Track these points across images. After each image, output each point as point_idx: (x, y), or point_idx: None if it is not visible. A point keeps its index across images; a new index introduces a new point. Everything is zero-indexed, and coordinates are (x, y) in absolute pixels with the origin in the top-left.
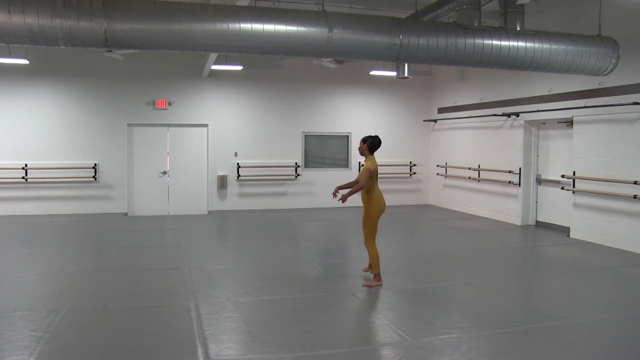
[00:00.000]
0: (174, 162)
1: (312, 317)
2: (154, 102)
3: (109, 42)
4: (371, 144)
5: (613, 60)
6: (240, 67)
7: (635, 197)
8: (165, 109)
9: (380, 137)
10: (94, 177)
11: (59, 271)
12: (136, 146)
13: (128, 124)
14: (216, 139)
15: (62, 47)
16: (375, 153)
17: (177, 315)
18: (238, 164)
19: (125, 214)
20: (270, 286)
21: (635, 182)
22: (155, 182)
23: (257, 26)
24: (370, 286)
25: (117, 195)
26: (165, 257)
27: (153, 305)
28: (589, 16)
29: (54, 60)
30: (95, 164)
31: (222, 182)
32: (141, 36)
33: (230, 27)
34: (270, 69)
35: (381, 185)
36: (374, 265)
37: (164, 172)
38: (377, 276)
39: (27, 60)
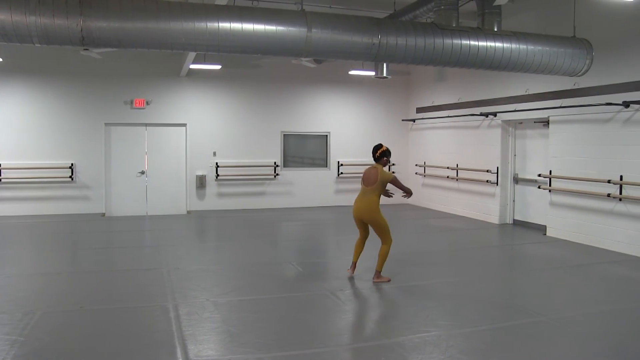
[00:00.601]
0: (152, 161)
1: (291, 317)
2: (131, 102)
3: (86, 41)
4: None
5: (587, 62)
6: (218, 67)
7: (609, 195)
8: (143, 109)
9: (358, 136)
10: (70, 177)
11: (34, 273)
12: (114, 146)
13: (105, 123)
14: (195, 139)
15: (37, 45)
16: (353, 151)
17: (155, 316)
18: (217, 163)
19: (103, 215)
20: (249, 286)
21: (608, 181)
22: (133, 182)
23: (236, 25)
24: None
25: (94, 196)
26: (143, 258)
27: (131, 307)
28: (564, 18)
29: (29, 58)
30: (72, 164)
31: (201, 182)
32: (118, 34)
33: (208, 26)
34: (249, 69)
35: (360, 185)
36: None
37: (142, 172)
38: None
39: (1, 58)
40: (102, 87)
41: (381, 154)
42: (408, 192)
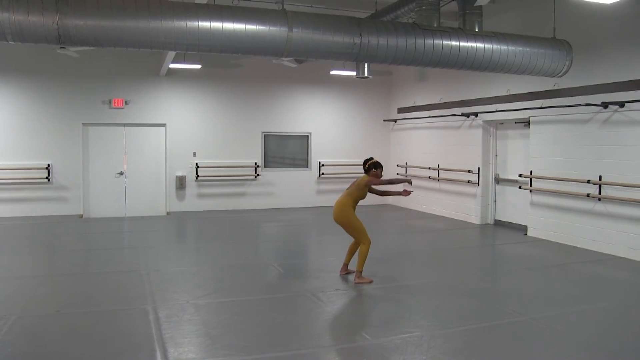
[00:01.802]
0: (131, 162)
1: (272, 319)
2: (110, 101)
3: (62, 39)
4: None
5: (567, 62)
6: (198, 66)
7: (588, 195)
8: (122, 108)
9: (339, 136)
10: (47, 178)
11: (9, 276)
12: (92, 146)
13: (83, 123)
14: (174, 139)
15: (11, 43)
16: (334, 152)
17: (134, 320)
18: (197, 164)
19: (80, 216)
20: (230, 288)
21: (588, 181)
22: (112, 183)
23: (216, 24)
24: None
25: (71, 197)
26: (122, 260)
27: (109, 310)
28: (544, 19)
29: (3, 56)
30: (49, 165)
31: (181, 182)
32: (96, 33)
33: (188, 25)
34: (230, 68)
35: (341, 185)
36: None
37: (121, 173)
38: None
39: None
40: (79, 87)
41: (371, 165)
42: (404, 182)
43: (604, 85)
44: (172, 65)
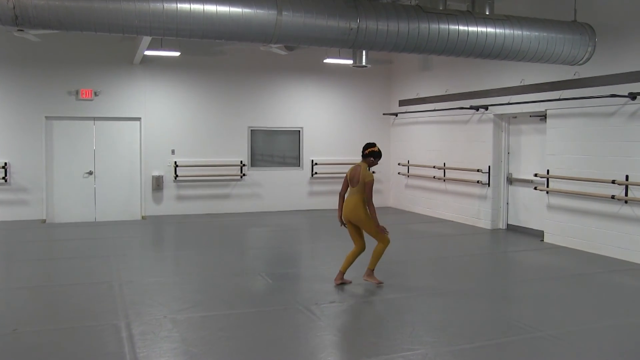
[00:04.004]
0: (101, 160)
1: (260, 335)
2: (77, 92)
3: (20, 20)
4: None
5: (589, 49)
6: (177, 53)
7: (613, 197)
8: (91, 100)
9: (334, 132)
10: (4, 178)
11: None
12: (56, 142)
13: (46, 117)
14: (150, 135)
15: None
16: (328, 149)
17: (104, 337)
18: (175, 162)
19: (43, 221)
20: (212, 301)
21: (613, 181)
22: (80, 183)
23: (197, 6)
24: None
25: (33, 200)
26: (90, 270)
27: (75, 327)
28: (564, 0)
29: None
30: (6, 163)
31: (158, 183)
32: (59, 14)
33: (165, 7)
34: (212, 56)
35: (336, 187)
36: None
37: (90, 173)
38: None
39: None
40: (41, 75)
41: (369, 153)
42: (377, 224)
43: (631, 73)
44: (147, 52)
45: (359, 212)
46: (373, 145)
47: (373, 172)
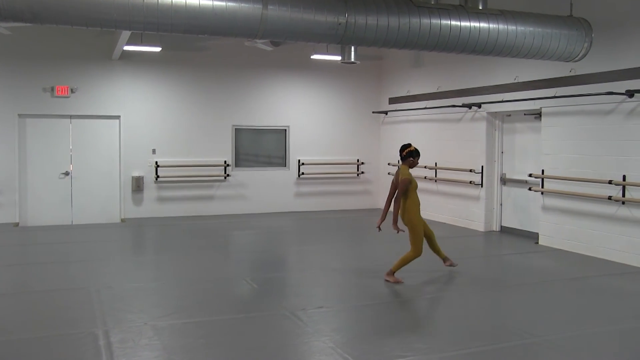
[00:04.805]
0: (78, 160)
1: (245, 342)
2: (52, 89)
3: None
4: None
5: (585, 45)
6: (158, 49)
7: (610, 198)
8: (67, 97)
9: (322, 131)
10: None
11: None
12: (30, 142)
13: (19, 115)
14: (130, 134)
15: None
16: (316, 148)
17: (81, 346)
18: (157, 162)
19: (16, 225)
20: (195, 307)
21: (610, 182)
22: (55, 185)
23: (179, 0)
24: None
25: (5, 202)
26: (67, 276)
27: (50, 335)
28: None
29: None
30: None
31: (138, 184)
32: (33, 6)
33: (145, 0)
34: (195, 52)
35: (325, 187)
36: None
37: (66, 173)
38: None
39: None
40: (14, 71)
41: (407, 154)
42: (394, 224)
43: (629, 70)
44: (126, 48)
45: (408, 216)
46: (409, 145)
47: (409, 174)
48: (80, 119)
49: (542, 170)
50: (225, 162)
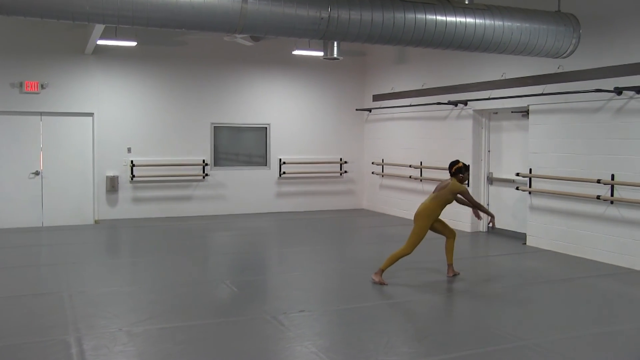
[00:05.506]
0: (49, 159)
1: (224, 348)
2: (21, 84)
3: None
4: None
5: (573, 41)
6: (133, 43)
7: (598, 197)
8: (37, 93)
9: (303, 129)
10: None
11: None
12: None
13: None
14: (104, 132)
15: None
16: (297, 147)
17: (52, 354)
18: (132, 162)
19: None
20: (172, 312)
21: (598, 181)
22: (25, 185)
23: None
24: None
25: None
26: (37, 280)
27: (18, 343)
28: None
29: None
30: None
31: (112, 184)
32: None
33: None
34: (172, 46)
35: (307, 187)
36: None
37: (36, 173)
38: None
39: None
40: None
41: (457, 170)
42: (485, 213)
43: (617, 67)
44: (100, 42)
45: (421, 216)
46: (457, 162)
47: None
48: (51, 116)
49: (530, 170)
50: (203, 161)
